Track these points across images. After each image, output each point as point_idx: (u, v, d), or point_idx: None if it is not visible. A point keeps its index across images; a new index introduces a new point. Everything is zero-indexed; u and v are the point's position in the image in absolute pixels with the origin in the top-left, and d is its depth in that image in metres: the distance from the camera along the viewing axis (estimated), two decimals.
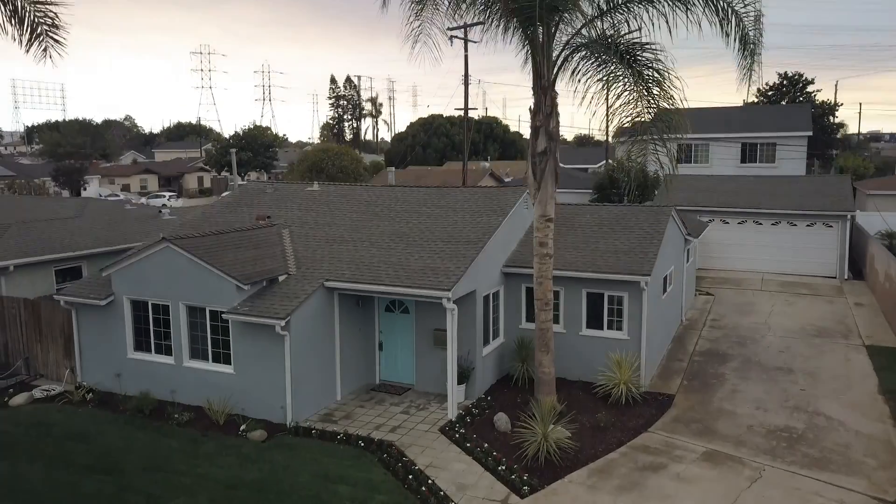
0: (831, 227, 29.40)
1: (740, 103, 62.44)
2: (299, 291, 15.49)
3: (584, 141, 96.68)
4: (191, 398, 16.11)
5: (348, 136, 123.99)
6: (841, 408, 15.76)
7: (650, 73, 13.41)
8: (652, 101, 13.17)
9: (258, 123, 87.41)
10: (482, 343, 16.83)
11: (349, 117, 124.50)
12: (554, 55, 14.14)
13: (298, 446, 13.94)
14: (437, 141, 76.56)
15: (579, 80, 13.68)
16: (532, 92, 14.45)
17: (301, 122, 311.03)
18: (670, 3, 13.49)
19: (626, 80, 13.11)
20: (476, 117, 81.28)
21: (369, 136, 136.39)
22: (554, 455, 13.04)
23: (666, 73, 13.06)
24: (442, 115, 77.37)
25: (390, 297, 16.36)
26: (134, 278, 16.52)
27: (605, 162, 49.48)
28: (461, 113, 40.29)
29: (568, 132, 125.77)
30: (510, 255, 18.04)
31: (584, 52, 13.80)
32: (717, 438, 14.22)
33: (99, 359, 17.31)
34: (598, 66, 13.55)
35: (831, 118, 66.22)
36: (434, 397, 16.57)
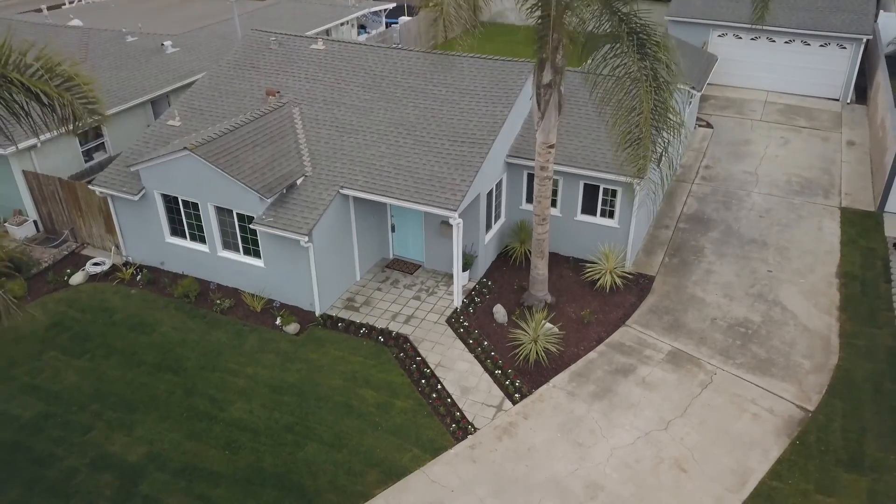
0: (844, 48, 28.86)
1: None
2: (318, 200, 16.83)
3: None
4: (228, 282, 18.39)
5: None
6: (798, 296, 17.98)
7: None
8: None
9: None
10: (484, 232, 18.54)
11: None
12: None
13: (327, 341, 16.53)
14: None
15: None
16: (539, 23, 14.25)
17: None
18: None
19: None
20: None
21: None
22: (542, 358, 15.63)
23: None
24: None
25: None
26: (161, 177, 17.71)
27: None
28: None
29: None
30: (514, 143, 18.84)
31: None
32: (682, 335, 16.68)
33: (139, 238, 19.21)
34: None
35: None
36: (441, 278, 18.76)
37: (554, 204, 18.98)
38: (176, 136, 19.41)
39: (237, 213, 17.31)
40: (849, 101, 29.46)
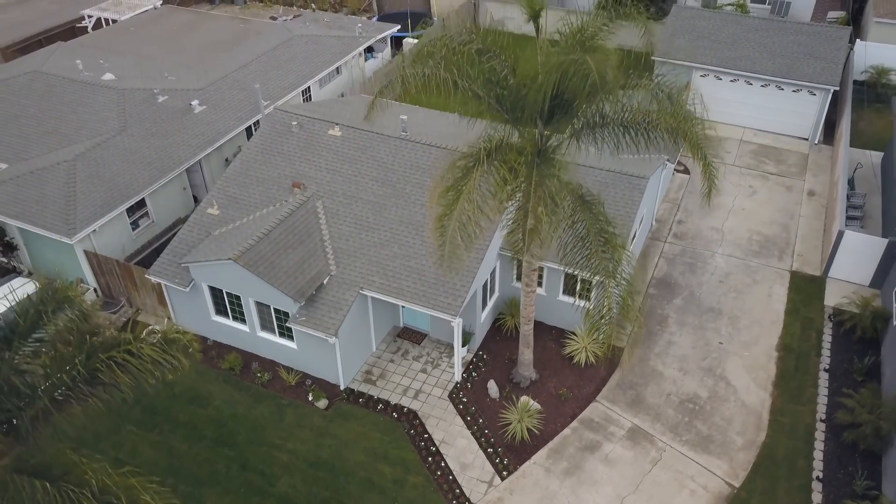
0: (815, 94, 31.34)
1: None
2: (342, 301, 20.20)
3: None
4: (266, 355, 22.00)
5: None
6: (741, 369, 21.54)
7: None
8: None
9: None
10: (480, 312, 21.98)
11: None
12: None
13: (352, 416, 20.26)
14: None
15: None
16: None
17: None
18: None
19: None
20: None
21: None
22: (525, 437, 19.37)
23: None
24: None
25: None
26: (208, 274, 21.02)
27: None
28: None
29: None
30: (505, 237, 21.98)
31: None
32: (642, 410, 20.36)
33: (188, 312, 22.67)
34: None
35: None
36: (444, 349, 22.34)
37: (540, 285, 22.33)
38: (215, 225, 22.57)
39: (273, 308, 20.74)
40: (817, 141, 32.14)
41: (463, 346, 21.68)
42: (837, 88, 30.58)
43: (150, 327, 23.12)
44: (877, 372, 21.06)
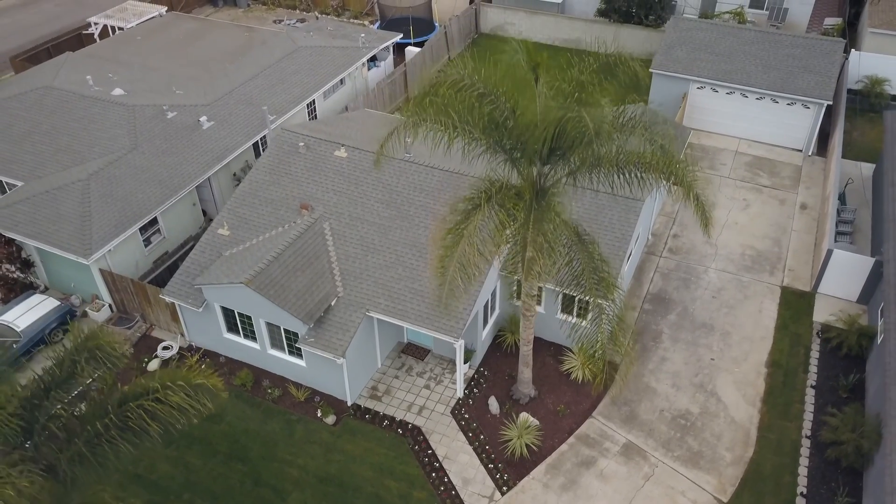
0: (808, 108, 32.02)
1: None
2: (349, 322, 21.09)
3: None
4: (276, 371, 22.94)
5: None
6: (731, 386, 22.47)
7: None
8: None
9: None
10: (481, 330, 22.88)
11: None
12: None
13: (358, 432, 21.22)
14: None
15: None
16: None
17: None
18: None
19: None
20: None
21: None
22: (524, 453, 20.34)
23: None
24: None
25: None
26: (220, 295, 21.89)
27: None
28: None
29: None
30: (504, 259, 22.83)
31: None
32: (635, 427, 21.31)
33: (200, 329, 23.59)
34: None
35: None
36: (447, 365, 23.26)
37: (538, 302, 23.21)
38: (226, 245, 23.40)
39: (283, 328, 21.64)
40: (810, 153, 32.86)
41: (465, 362, 22.59)
42: (831, 103, 31.26)
43: (164, 343, 24.10)
44: (861, 389, 21.99)
